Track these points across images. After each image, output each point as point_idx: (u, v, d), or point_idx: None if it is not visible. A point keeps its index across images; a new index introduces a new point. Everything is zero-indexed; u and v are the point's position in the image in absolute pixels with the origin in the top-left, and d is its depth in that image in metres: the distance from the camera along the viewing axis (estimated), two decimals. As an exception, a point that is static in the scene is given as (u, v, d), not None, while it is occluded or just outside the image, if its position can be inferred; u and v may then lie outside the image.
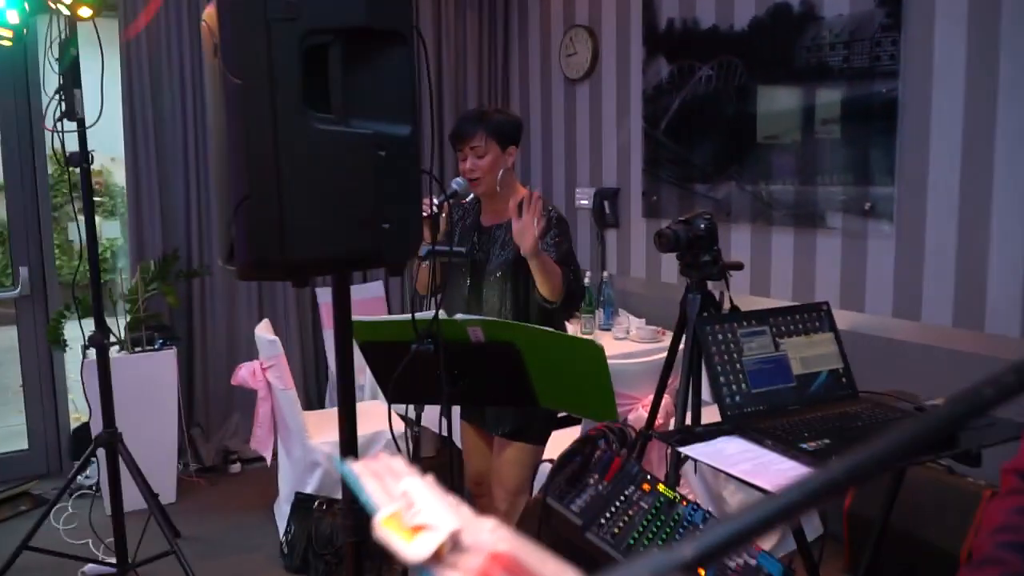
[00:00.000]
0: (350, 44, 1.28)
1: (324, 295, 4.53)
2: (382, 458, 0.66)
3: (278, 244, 1.24)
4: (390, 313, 4.75)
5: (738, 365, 1.98)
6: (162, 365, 3.86)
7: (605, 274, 4.35)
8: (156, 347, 3.88)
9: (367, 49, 1.31)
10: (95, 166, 6.72)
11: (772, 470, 1.69)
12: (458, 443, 3.05)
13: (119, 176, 5.64)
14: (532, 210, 2.33)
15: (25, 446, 4.27)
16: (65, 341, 3.86)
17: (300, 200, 1.24)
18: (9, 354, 4.22)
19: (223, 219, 1.31)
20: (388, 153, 1.33)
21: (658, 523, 1.42)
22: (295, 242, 1.25)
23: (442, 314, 1.95)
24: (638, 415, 3.01)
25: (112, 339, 3.71)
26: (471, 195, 2.56)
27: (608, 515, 1.38)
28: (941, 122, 3.00)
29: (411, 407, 2.60)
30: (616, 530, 1.34)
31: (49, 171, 4.24)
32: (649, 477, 1.54)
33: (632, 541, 1.33)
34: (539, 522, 1.35)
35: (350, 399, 1.48)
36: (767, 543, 3.28)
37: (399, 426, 3.44)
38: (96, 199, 5.93)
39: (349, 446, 1.51)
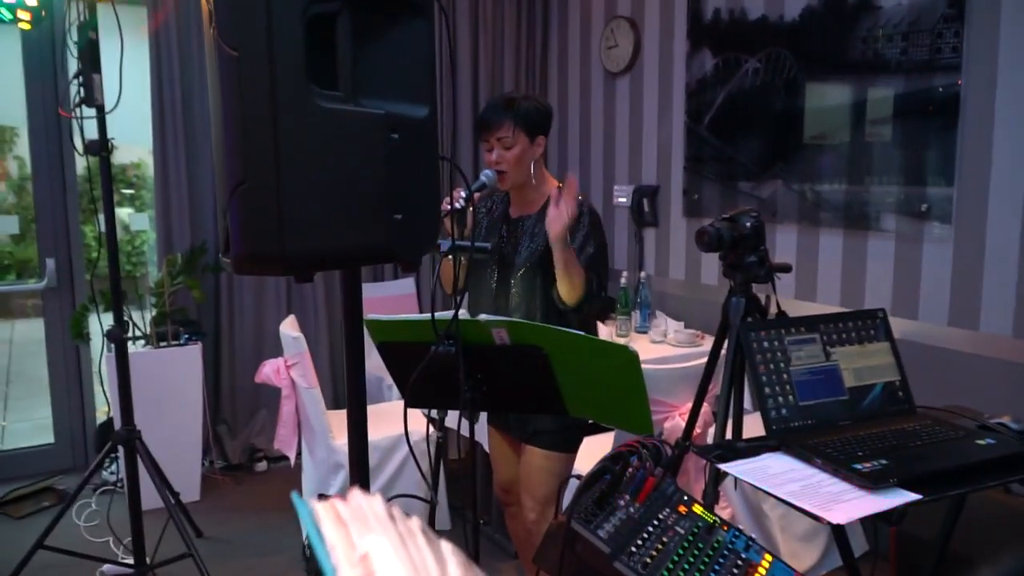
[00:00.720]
0: (361, 14, 1.15)
1: (342, 297, 4.43)
2: (355, 499, 0.53)
3: (276, 235, 1.12)
4: (421, 311, 4.64)
5: (785, 375, 1.82)
6: (187, 360, 3.79)
7: (643, 275, 4.20)
8: (181, 342, 3.81)
9: (380, 20, 1.18)
10: (132, 158, 6.65)
11: (823, 492, 1.54)
12: (486, 447, 2.92)
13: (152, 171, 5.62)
14: (570, 198, 2.20)
15: (51, 440, 4.23)
16: (88, 334, 3.81)
17: (301, 187, 1.12)
18: (40, 345, 4.18)
19: (220, 207, 1.19)
20: (402, 136, 1.20)
21: (695, 551, 1.27)
22: (295, 233, 1.13)
23: (465, 314, 1.83)
24: (674, 424, 2.86)
25: (137, 333, 3.66)
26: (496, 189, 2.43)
27: (640, 542, 1.23)
28: (1006, 119, 2.80)
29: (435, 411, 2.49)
30: (648, 559, 1.20)
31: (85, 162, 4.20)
32: (686, 498, 1.39)
33: (666, 572, 1.19)
34: (562, 548, 1.22)
35: (360, 407, 1.36)
36: (810, 557, 3.11)
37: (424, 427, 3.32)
38: (130, 191, 5.91)
39: (359, 456, 1.39)
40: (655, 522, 1.29)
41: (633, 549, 1.22)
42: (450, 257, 2.30)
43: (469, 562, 0.53)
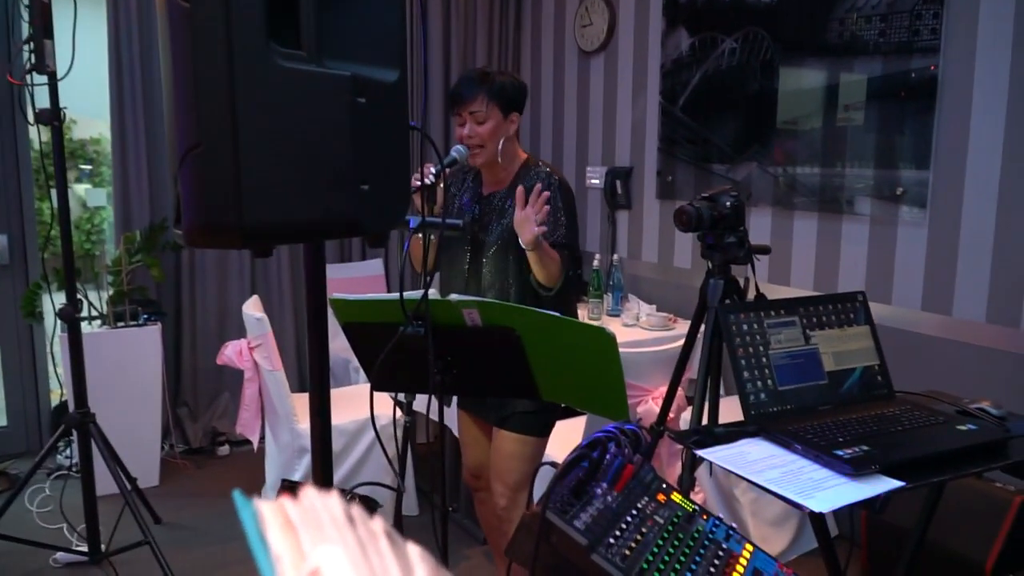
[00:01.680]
0: (325, -33, 1.07)
1: (304, 274, 4.32)
2: (309, 498, 0.45)
3: (233, 205, 1.03)
4: (390, 292, 4.55)
5: (764, 359, 1.77)
6: (146, 341, 3.66)
7: (615, 257, 4.14)
8: (140, 322, 3.69)
9: (346, -25, 1.10)
10: (92, 133, 6.46)
11: (804, 479, 1.49)
12: (454, 430, 2.86)
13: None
14: (538, 205, 2.12)
15: (3, 422, 4.09)
16: (41, 314, 3.67)
17: (260, 152, 1.04)
18: (-8, 325, 4.03)
19: (171, 173, 1.10)
20: (369, 101, 1.12)
21: (675, 542, 1.22)
22: (254, 203, 1.04)
23: (436, 294, 1.75)
24: (647, 408, 2.82)
25: (93, 313, 3.53)
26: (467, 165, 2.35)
27: (618, 533, 1.17)
28: (984, 102, 2.77)
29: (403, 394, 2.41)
30: (627, 551, 1.14)
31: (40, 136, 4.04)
32: (664, 486, 1.34)
33: (646, 565, 1.13)
34: (536, 540, 1.15)
35: (323, 392, 1.28)
36: (781, 541, 3.09)
37: (391, 410, 3.24)
38: (88, 167, 5.73)
39: (322, 444, 1.31)
40: (634, 512, 1.24)
41: (611, 540, 1.16)
42: (419, 235, 2.22)
43: (439, 568, 0.46)
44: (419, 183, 2.02)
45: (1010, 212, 2.73)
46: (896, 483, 1.45)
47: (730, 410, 1.95)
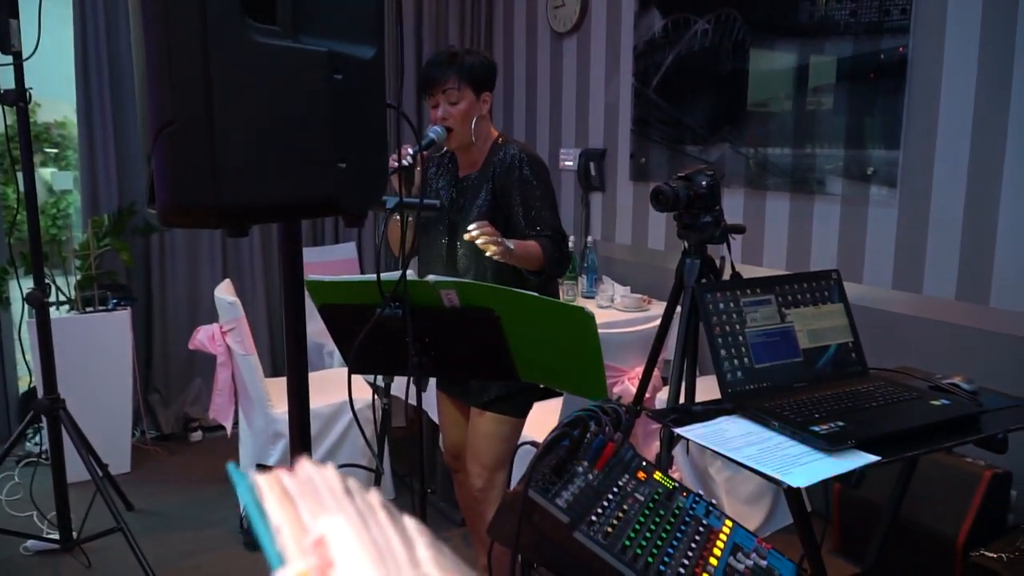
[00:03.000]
0: (301, -60, 1.05)
1: (279, 254, 4.28)
2: (305, 469, 0.45)
3: (209, 183, 1.01)
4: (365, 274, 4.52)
5: (740, 337, 1.79)
6: (115, 326, 3.61)
7: (589, 239, 4.14)
8: (109, 307, 3.63)
9: (322, -51, 1.08)
10: (56, 116, 6.31)
11: (781, 455, 1.51)
12: (433, 414, 2.85)
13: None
14: (480, 237, 2.07)
15: (-30, 410, 4.01)
16: (8, 299, 3.60)
17: (236, 129, 1.02)
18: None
19: (144, 152, 1.08)
20: (346, 78, 1.10)
21: (656, 519, 1.22)
22: (229, 181, 1.02)
23: (413, 276, 1.74)
24: (624, 388, 2.83)
25: (61, 298, 3.47)
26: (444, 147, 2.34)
27: (600, 510, 1.18)
28: (953, 83, 2.80)
29: (380, 376, 2.40)
30: (609, 528, 1.14)
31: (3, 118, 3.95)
32: (644, 464, 1.34)
33: (628, 542, 1.13)
34: (519, 518, 1.15)
35: (301, 373, 1.27)
36: (755, 518, 3.13)
37: (368, 395, 3.23)
38: (54, 151, 5.62)
39: (300, 427, 1.30)
40: (615, 489, 1.24)
41: (593, 518, 1.16)
42: (397, 216, 2.20)
43: (437, 541, 0.45)
44: (397, 164, 2.00)
45: (979, 192, 2.76)
46: (872, 458, 1.47)
47: (705, 390, 1.96)
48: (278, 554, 0.37)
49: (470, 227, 2.07)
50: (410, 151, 2.08)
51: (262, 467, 2.25)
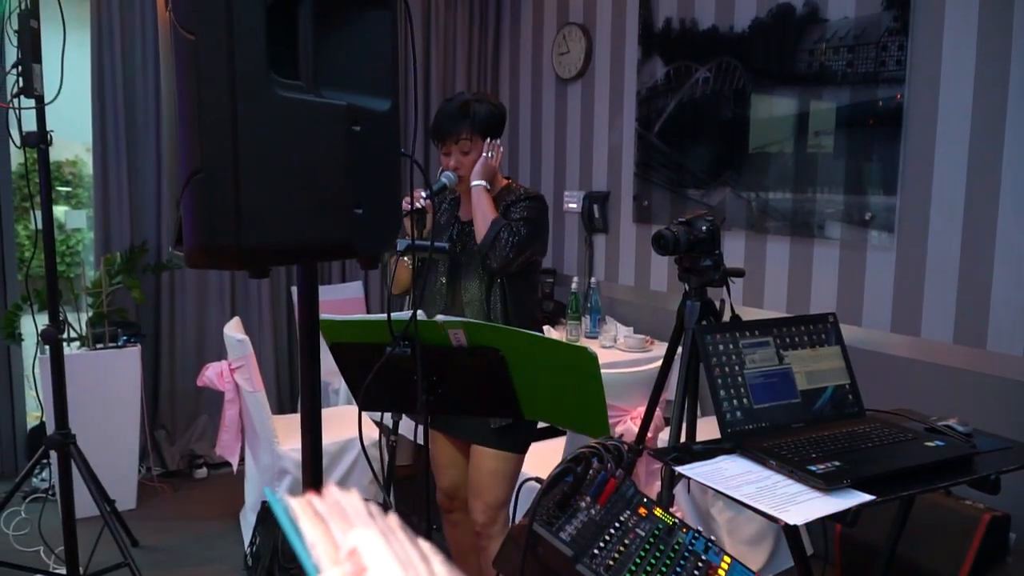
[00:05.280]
0: (323, 2, 1.12)
1: (297, 294, 4.35)
2: (332, 493, 0.50)
3: (233, 227, 1.07)
4: (370, 314, 4.57)
5: (740, 378, 1.84)
6: (125, 363, 3.66)
7: (592, 280, 4.20)
8: (119, 344, 3.69)
9: (343, 10, 1.15)
10: (69, 155, 6.42)
11: (778, 494, 1.55)
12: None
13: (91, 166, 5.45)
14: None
15: (-21, 445, 4.05)
16: (20, 335, 3.66)
17: (260, 177, 1.08)
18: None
19: (172, 197, 1.14)
20: (364, 129, 1.17)
21: (657, 553, 1.26)
22: (253, 225, 1.08)
23: (421, 315, 1.80)
24: (626, 428, 2.86)
25: (72, 334, 3.53)
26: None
27: (602, 544, 1.22)
28: (948, 131, 2.88)
29: (389, 414, 2.44)
30: (611, 562, 1.19)
31: (19, 158, 4.04)
32: (645, 500, 1.38)
33: (628, 575, 1.17)
34: (524, 551, 1.19)
35: (315, 408, 1.32)
36: (757, 560, 3.14)
37: (374, 433, 3.27)
38: (65, 188, 5.72)
39: (312, 460, 1.35)
40: (616, 524, 1.28)
41: (595, 551, 1.20)
42: (406, 258, 2.27)
43: (449, 561, 0.50)
44: (409, 207, 2.07)
45: (974, 237, 2.82)
46: (867, 497, 1.51)
47: (706, 431, 2.00)
48: (314, 565, 0.42)
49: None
50: (423, 195, 2.16)
51: (268, 504, 2.28)
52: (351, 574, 0.39)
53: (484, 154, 2.38)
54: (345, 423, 3.40)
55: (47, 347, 2.77)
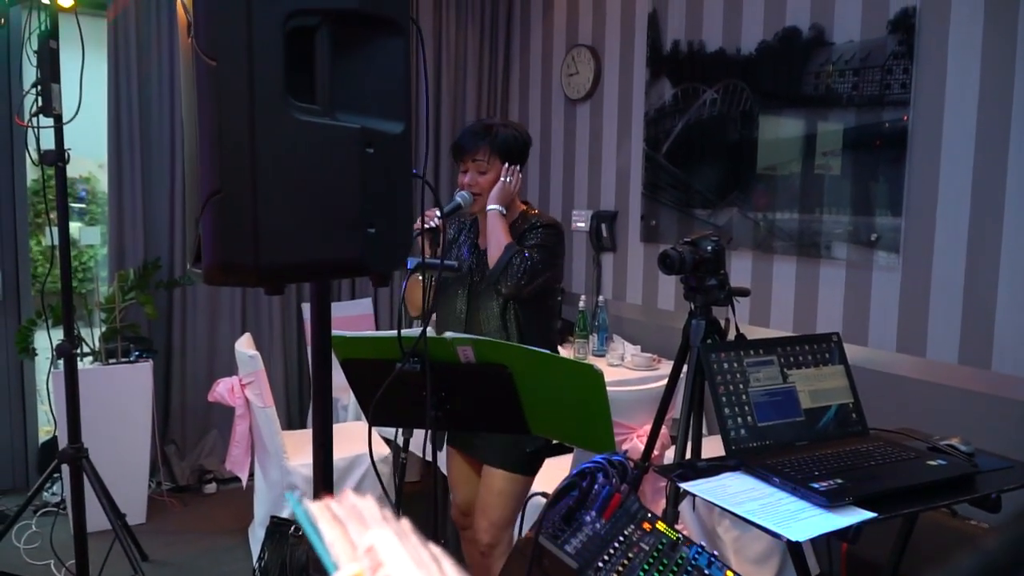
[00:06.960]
0: (339, 29, 1.16)
1: (310, 310, 4.39)
2: (348, 498, 0.53)
3: (250, 245, 1.11)
4: (380, 331, 4.61)
5: (744, 396, 1.86)
6: (137, 378, 3.70)
7: (600, 299, 4.23)
8: (131, 359, 3.73)
9: (358, 36, 1.19)
10: (82, 171, 6.52)
11: (781, 511, 1.57)
12: (444, 469, 2.91)
13: (107, 183, 5.52)
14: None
15: (-9, 458, 4.09)
16: (35, 350, 3.71)
17: (277, 197, 1.12)
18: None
19: (192, 216, 1.18)
20: (377, 151, 1.21)
21: (660, 567, 1.28)
22: (269, 244, 1.12)
23: (430, 332, 1.83)
24: (633, 445, 2.88)
25: (85, 349, 3.58)
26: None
27: (606, 558, 1.24)
28: (952, 153, 2.91)
29: (400, 430, 2.47)
30: (615, 575, 1.21)
31: (34, 174, 4.11)
32: (650, 515, 1.41)
33: (632, 588, 1.20)
34: (530, 563, 1.22)
35: (326, 422, 1.35)
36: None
37: (383, 450, 3.29)
38: (79, 205, 5.80)
39: (324, 474, 1.38)
40: (621, 538, 1.30)
41: (600, 564, 1.23)
42: (418, 276, 2.30)
43: (458, 565, 0.53)
44: (422, 226, 2.11)
45: (978, 258, 2.84)
46: (869, 514, 1.53)
47: (712, 450, 2.02)
48: (333, 561, 0.45)
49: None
50: (437, 214, 2.20)
51: (277, 519, 2.31)
52: (368, 568, 0.42)
53: (502, 179, 2.40)
54: (355, 439, 3.42)
55: (60, 362, 2.81)
